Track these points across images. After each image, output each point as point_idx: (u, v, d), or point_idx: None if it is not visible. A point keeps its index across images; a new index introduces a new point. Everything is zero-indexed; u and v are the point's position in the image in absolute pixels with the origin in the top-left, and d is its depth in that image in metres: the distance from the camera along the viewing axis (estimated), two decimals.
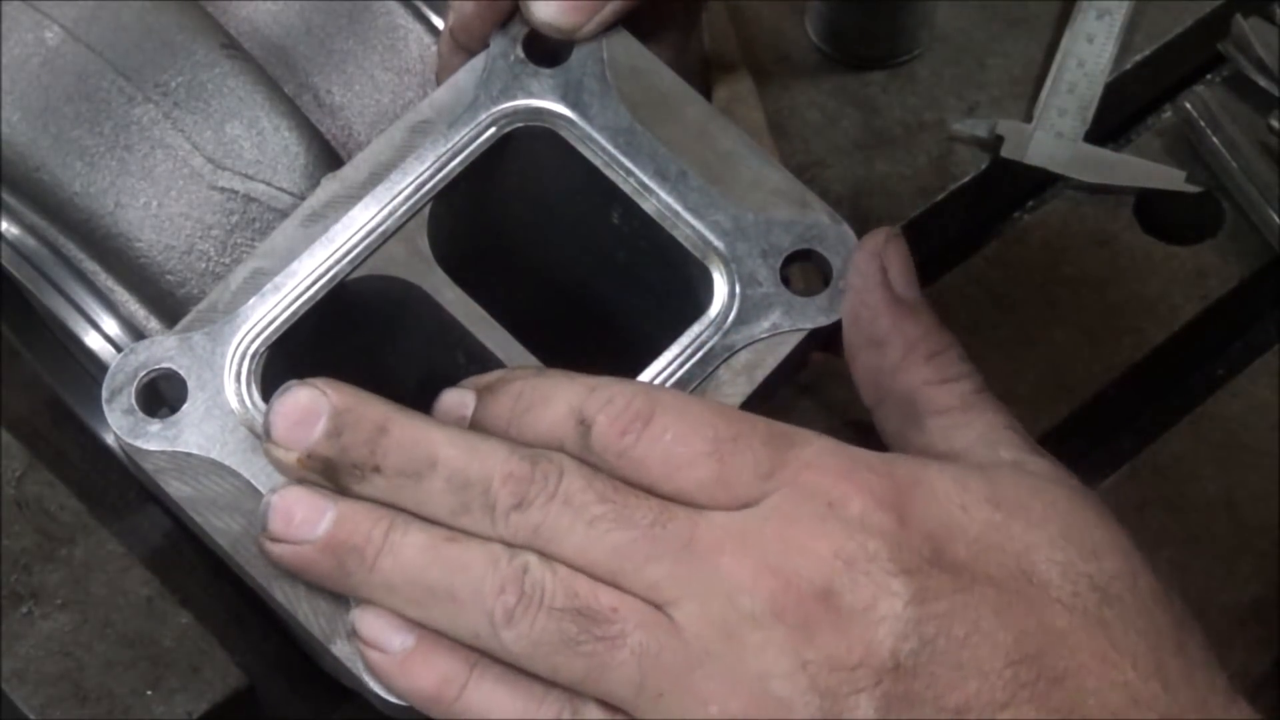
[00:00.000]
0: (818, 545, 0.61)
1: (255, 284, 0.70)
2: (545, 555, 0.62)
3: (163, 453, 0.68)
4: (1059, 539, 0.62)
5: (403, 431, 0.64)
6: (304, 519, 0.64)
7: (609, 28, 0.74)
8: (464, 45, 0.75)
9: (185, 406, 0.68)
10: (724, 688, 0.60)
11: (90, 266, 0.77)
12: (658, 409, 0.64)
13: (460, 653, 0.63)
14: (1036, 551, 0.62)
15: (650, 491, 0.63)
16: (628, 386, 0.64)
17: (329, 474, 0.64)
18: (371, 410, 0.65)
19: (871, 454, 0.64)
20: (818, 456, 0.63)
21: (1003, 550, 0.62)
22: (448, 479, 0.63)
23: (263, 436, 0.65)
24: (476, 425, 0.66)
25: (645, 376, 0.70)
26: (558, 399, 0.65)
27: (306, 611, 0.66)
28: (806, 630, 0.60)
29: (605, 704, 0.62)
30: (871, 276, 0.69)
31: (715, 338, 0.70)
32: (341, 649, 0.65)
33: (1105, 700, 0.60)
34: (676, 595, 0.61)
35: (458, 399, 0.66)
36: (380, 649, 0.63)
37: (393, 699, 0.64)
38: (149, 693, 0.76)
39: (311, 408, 0.64)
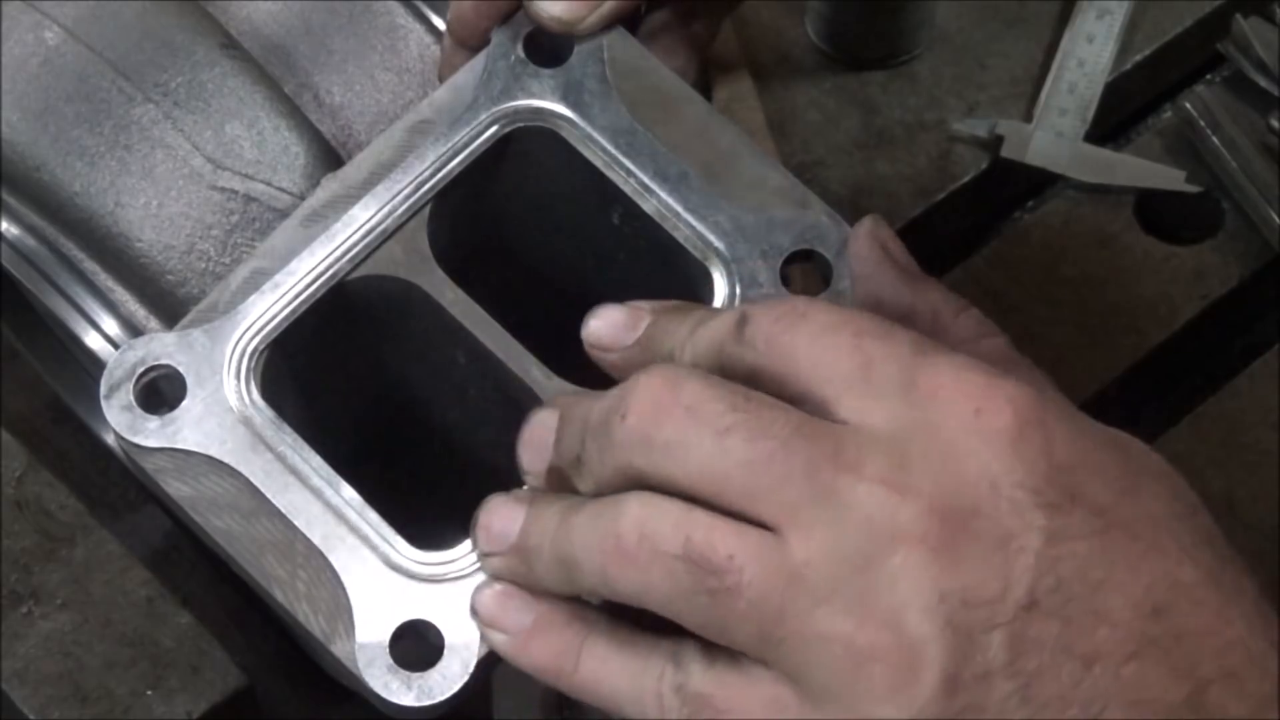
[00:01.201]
0: (964, 465, 0.58)
1: (255, 284, 0.70)
2: (662, 478, 0.60)
3: (162, 451, 0.68)
4: (1167, 491, 0.60)
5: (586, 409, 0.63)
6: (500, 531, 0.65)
7: (610, 25, 0.74)
8: (463, 42, 0.75)
9: (184, 403, 0.68)
10: (852, 621, 0.57)
11: (90, 266, 0.77)
12: (813, 308, 0.62)
13: (573, 627, 0.63)
14: (1159, 502, 0.60)
15: (794, 383, 0.60)
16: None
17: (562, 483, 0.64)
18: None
19: (1013, 376, 0.61)
20: (963, 367, 0.60)
21: (1136, 496, 0.59)
22: (570, 430, 0.63)
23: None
24: (649, 339, 0.65)
25: None
26: (729, 313, 0.63)
27: (306, 611, 0.66)
28: (948, 555, 0.57)
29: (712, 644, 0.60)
30: (876, 258, 0.69)
31: None
32: (341, 649, 0.65)
33: (1223, 660, 0.57)
34: (811, 518, 0.58)
35: (629, 318, 0.65)
36: (500, 630, 0.64)
37: (395, 700, 0.64)
38: (149, 693, 0.76)
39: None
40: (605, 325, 0.66)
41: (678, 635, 0.61)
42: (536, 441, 0.64)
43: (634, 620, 0.63)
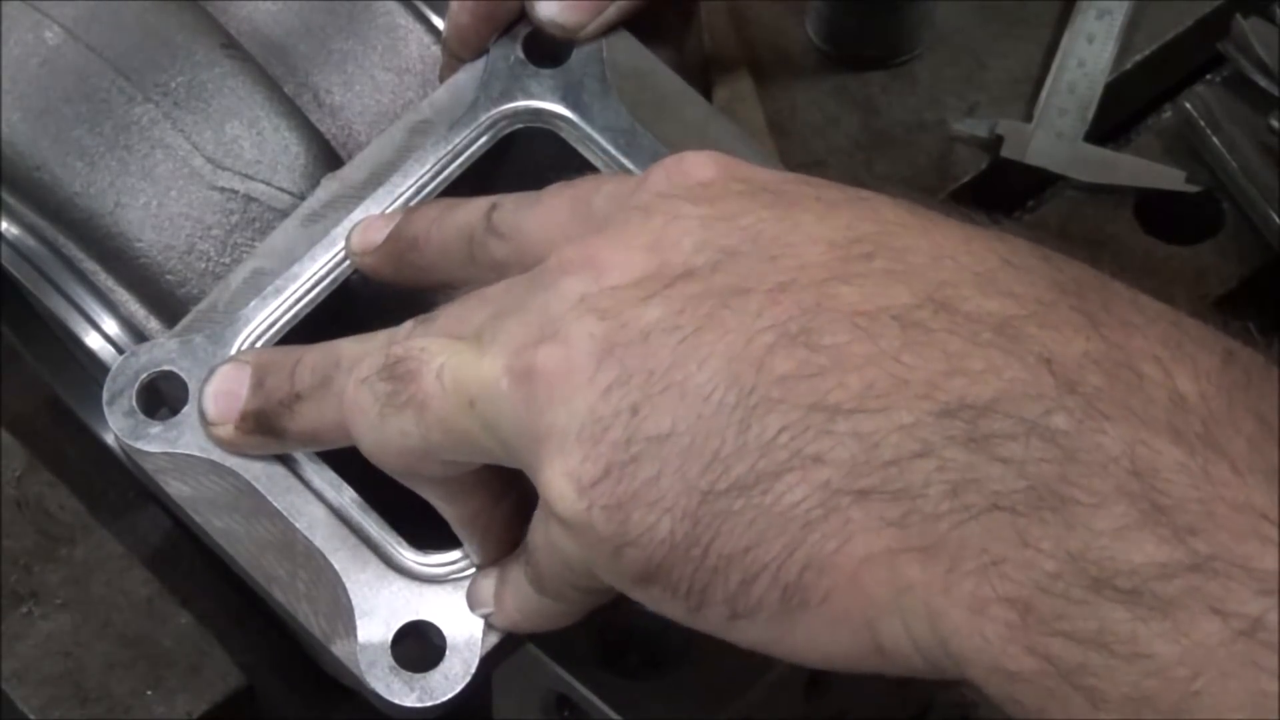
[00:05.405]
0: (635, 214, 0.59)
1: (255, 284, 0.71)
2: None
3: (163, 454, 0.68)
4: (856, 189, 0.60)
5: (312, 354, 0.66)
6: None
7: (611, 28, 0.74)
8: (458, 56, 0.75)
9: (185, 409, 0.68)
10: (505, 357, 0.58)
11: (90, 266, 0.77)
12: (550, 187, 0.65)
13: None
14: (847, 188, 0.59)
15: (530, 260, 0.62)
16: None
17: (264, 426, 0.66)
18: (286, 352, 0.67)
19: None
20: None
21: (819, 186, 0.59)
22: (350, 370, 0.64)
23: (203, 424, 0.67)
24: (400, 234, 0.68)
25: None
26: (476, 201, 0.67)
27: (306, 611, 0.66)
28: (593, 268, 0.57)
29: None
30: None
31: None
32: (341, 649, 0.65)
33: (959, 262, 0.56)
34: (500, 321, 0.59)
35: (381, 220, 0.70)
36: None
37: (398, 701, 0.64)
38: (149, 693, 0.76)
39: (235, 375, 0.67)
40: (358, 232, 0.70)
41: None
42: (227, 391, 0.67)
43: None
